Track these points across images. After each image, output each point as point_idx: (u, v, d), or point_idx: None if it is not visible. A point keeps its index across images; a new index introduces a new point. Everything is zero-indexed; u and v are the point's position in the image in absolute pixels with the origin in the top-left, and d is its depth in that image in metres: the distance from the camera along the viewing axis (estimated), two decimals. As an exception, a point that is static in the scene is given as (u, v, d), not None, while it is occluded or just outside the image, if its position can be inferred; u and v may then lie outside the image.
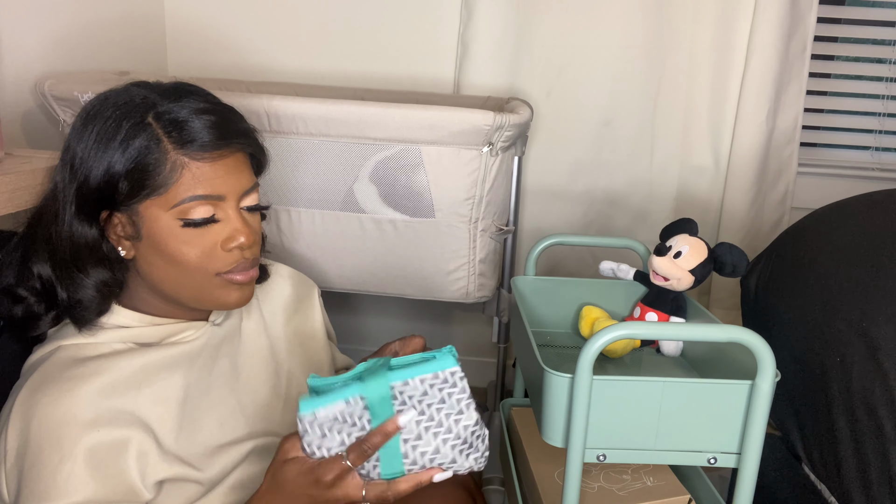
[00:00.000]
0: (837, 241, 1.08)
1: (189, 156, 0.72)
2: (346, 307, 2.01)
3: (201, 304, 0.78)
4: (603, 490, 0.97)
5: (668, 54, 1.65)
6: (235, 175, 0.75)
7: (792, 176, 1.73)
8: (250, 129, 0.80)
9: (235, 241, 0.75)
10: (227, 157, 0.75)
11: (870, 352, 0.90)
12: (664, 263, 1.08)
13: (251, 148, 0.79)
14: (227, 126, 0.75)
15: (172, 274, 0.75)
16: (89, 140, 0.73)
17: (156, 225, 0.73)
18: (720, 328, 0.83)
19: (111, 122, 0.72)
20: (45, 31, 1.33)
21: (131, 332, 0.78)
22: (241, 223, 0.76)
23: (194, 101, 0.75)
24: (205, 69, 1.79)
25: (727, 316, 1.74)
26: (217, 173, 0.73)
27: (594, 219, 1.79)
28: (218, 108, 0.77)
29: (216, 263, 0.75)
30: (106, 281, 0.76)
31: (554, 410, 0.84)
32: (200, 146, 0.72)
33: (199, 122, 0.73)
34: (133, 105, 0.73)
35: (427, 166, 1.22)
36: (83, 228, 0.74)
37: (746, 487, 0.85)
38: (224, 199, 0.75)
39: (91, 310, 0.76)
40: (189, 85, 0.79)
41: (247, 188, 0.77)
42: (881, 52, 1.75)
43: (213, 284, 0.76)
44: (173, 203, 0.72)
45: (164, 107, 0.73)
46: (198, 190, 0.72)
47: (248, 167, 0.78)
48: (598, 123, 1.71)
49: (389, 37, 1.74)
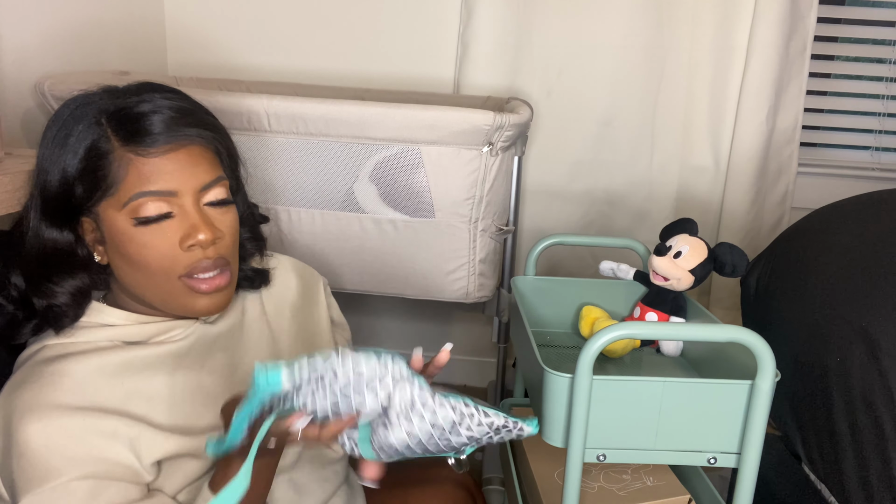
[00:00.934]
0: (837, 241, 1.08)
1: (135, 152, 0.70)
2: (346, 307, 2.00)
3: (171, 309, 0.76)
4: (603, 490, 0.97)
5: (668, 54, 1.65)
6: (190, 169, 0.72)
7: (792, 176, 1.73)
8: (211, 123, 0.78)
9: (192, 239, 0.72)
10: (177, 150, 0.72)
11: (870, 352, 0.90)
12: (664, 263, 1.08)
13: (209, 142, 0.76)
14: (178, 120, 0.73)
15: (139, 278, 0.74)
16: (48, 145, 0.73)
17: (113, 227, 0.72)
18: (720, 328, 0.83)
19: (66, 125, 0.72)
20: (45, 31, 1.33)
21: (118, 330, 0.77)
22: (198, 219, 0.72)
23: (151, 97, 0.73)
24: (205, 69, 1.79)
25: (727, 316, 1.74)
26: (166, 168, 0.71)
27: (594, 219, 1.79)
28: (175, 103, 0.74)
29: (176, 264, 0.73)
30: (78, 286, 0.75)
31: (554, 410, 0.84)
32: (147, 141, 0.70)
33: (149, 118, 0.71)
34: (88, 108, 0.73)
35: (427, 166, 1.22)
36: (52, 234, 0.73)
37: (746, 487, 0.85)
38: (177, 195, 0.72)
39: (67, 316, 0.75)
40: (153, 84, 0.77)
41: (205, 182, 0.74)
42: (881, 52, 1.75)
43: (177, 290, 0.74)
44: (124, 202, 0.71)
45: (117, 106, 0.72)
46: (146, 186, 0.70)
47: (207, 161, 0.75)
48: (598, 123, 1.71)
49: (389, 37, 1.74)
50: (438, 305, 1.92)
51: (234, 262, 0.79)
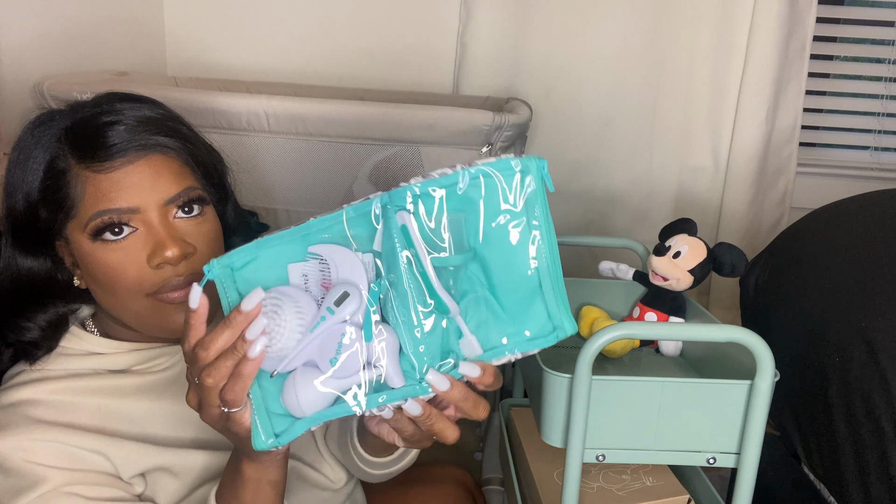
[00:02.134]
0: (837, 241, 1.08)
1: (91, 168, 0.66)
2: (346, 307, 2.00)
3: (149, 330, 0.73)
4: (602, 490, 0.97)
5: (668, 55, 1.65)
6: (150, 182, 0.67)
7: (791, 176, 1.73)
8: (177, 129, 0.72)
9: (159, 257, 0.67)
10: (135, 162, 0.67)
11: (870, 352, 0.90)
12: (663, 263, 1.08)
13: (174, 151, 0.70)
14: (136, 129, 0.68)
15: (110, 300, 0.70)
16: (11, 169, 0.70)
17: (80, 249, 0.68)
18: (719, 328, 0.83)
19: (26, 147, 0.69)
20: (45, 31, 1.33)
21: (100, 359, 0.74)
22: (164, 235, 0.67)
23: (108, 109, 0.69)
24: (205, 69, 1.79)
25: (726, 316, 1.74)
26: (124, 183, 0.66)
27: (593, 219, 1.79)
28: (139, 112, 0.70)
29: (145, 283, 0.68)
30: (51, 320, 0.72)
31: (553, 410, 0.84)
32: (102, 155, 0.66)
33: (105, 131, 0.67)
34: (47, 127, 0.69)
35: (426, 166, 1.22)
36: (27, 262, 0.70)
37: (746, 487, 0.85)
38: (139, 211, 0.67)
39: (41, 348, 0.72)
40: (115, 94, 0.73)
41: (170, 195, 0.69)
42: (880, 52, 1.75)
43: (148, 309, 0.69)
44: (84, 222, 0.67)
45: (75, 120, 0.69)
46: (103, 204, 0.66)
47: (173, 171, 0.69)
48: (597, 123, 1.71)
49: (389, 37, 1.74)
50: (438, 305, 1.92)
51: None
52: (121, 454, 0.70)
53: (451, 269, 0.54)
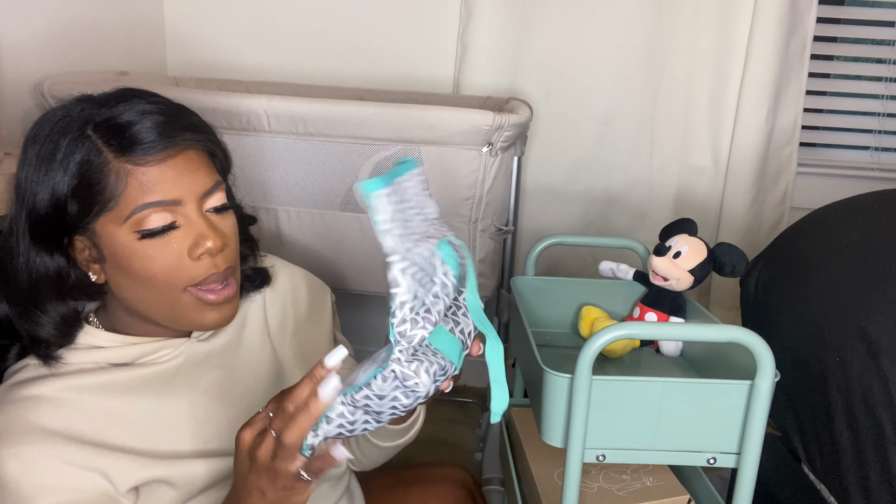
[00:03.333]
0: (837, 241, 1.08)
1: (132, 162, 0.67)
2: (347, 307, 2.00)
3: (178, 324, 0.74)
4: (602, 490, 0.97)
5: (668, 54, 1.65)
6: (190, 175, 0.69)
7: (791, 176, 1.73)
8: (201, 124, 0.74)
9: (202, 247, 0.69)
10: (175, 157, 0.68)
11: (869, 352, 0.90)
12: (663, 263, 1.08)
13: (204, 144, 0.72)
14: (171, 124, 0.69)
15: (142, 294, 0.70)
16: (30, 164, 0.69)
17: (114, 242, 0.68)
18: (719, 328, 0.83)
19: (49, 141, 0.68)
20: (45, 31, 1.33)
21: (104, 353, 0.74)
22: (205, 227, 0.69)
23: (135, 103, 0.70)
24: (205, 69, 1.79)
25: (727, 316, 1.74)
26: (167, 176, 0.67)
27: (594, 219, 1.79)
28: (162, 107, 0.71)
29: (184, 275, 0.69)
30: (66, 315, 0.72)
31: (553, 411, 0.84)
32: (143, 149, 0.67)
33: (139, 125, 0.67)
34: (70, 120, 0.69)
35: (426, 166, 1.22)
36: (42, 259, 0.70)
37: (746, 487, 0.85)
38: (181, 203, 0.69)
39: (53, 345, 0.72)
40: (132, 89, 0.73)
41: (206, 188, 0.71)
42: (880, 53, 1.75)
43: (184, 304, 0.71)
44: (125, 215, 0.67)
45: (102, 115, 0.68)
46: (148, 197, 0.67)
47: (205, 165, 0.72)
48: (597, 123, 1.71)
49: (389, 37, 1.74)
50: (438, 305, 1.92)
51: (238, 269, 0.77)
52: (118, 467, 0.70)
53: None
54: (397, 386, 0.56)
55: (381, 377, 0.55)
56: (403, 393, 0.56)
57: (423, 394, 0.57)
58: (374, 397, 0.56)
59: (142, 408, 0.73)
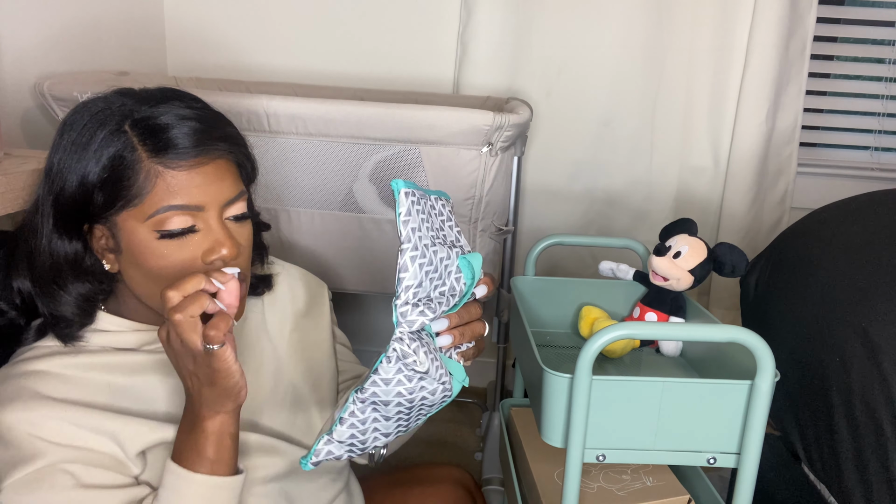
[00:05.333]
0: (837, 241, 1.08)
1: (164, 164, 0.68)
2: (347, 307, 2.01)
3: None
4: (602, 490, 0.97)
5: (668, 54, 1.66)
6: (217, 184, 0.71)
7: (791, 176, 1.73)
8: (236, 135, 0.76)
9: (216, 254, 0.71)
10: (205, 164, 0.70)
11: (869, 352, 0.90)
12: (664, 263, 1.08)
13: (234, 155, 0.74)
14: (207, 133, 0.71)
15: (153, 289, 0.72)
16: (65, 150, 0.70)
17: (133, 237, 0.70)
18: (720, 328, 0.83)
19: (86, 130, 0.70)
20: (45, 31, 1.33)
21: (111, 336, 0.76)
22: (223, 234, 0.71)
23: (176, 106, 0.71)
24: (205, 69, 1.79)
25: (727, 316, 1.74)
26: (194, 182, 0.69)
27: (594, 219, 1.79)
28: (201, 113, 0.73)
29: None
30: (86, 295, 0.74)
31: (553, 410, 0.84)
32: (176, 154, 0.68)
33: (177, 129, 0.69)
34: (110, 112, 0.70)
35: (426, 166, 1.22)
36: (62, 242, 0.72)
37: (746, 487, 0.85)
38: (203, 210, 0.70)
39: (74, 325, 0.74)
40: (174, 90, 0.75)
41: (230, 197, 0.73)
42: (880, 52, 1.75)
43: None
44: (148, 214, 0.69)
45: (141, 113, 0.70)
46: (173, 200, 0.68)
47: (232, 175, 0.74)
48: (597, 123, 1.71)
49: (389, 37, 1.74)
50: (438, 305, 1.92)
51: (248, 275, 0.78)
52: (128, 430, 0.71)
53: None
54: (400, 369, 0.59)
55: (385, 359, 0.59)
56: (406, 377, 0.59)
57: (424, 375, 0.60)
58: (381, 382, 0.59)
59: (147, 384, 0.75)
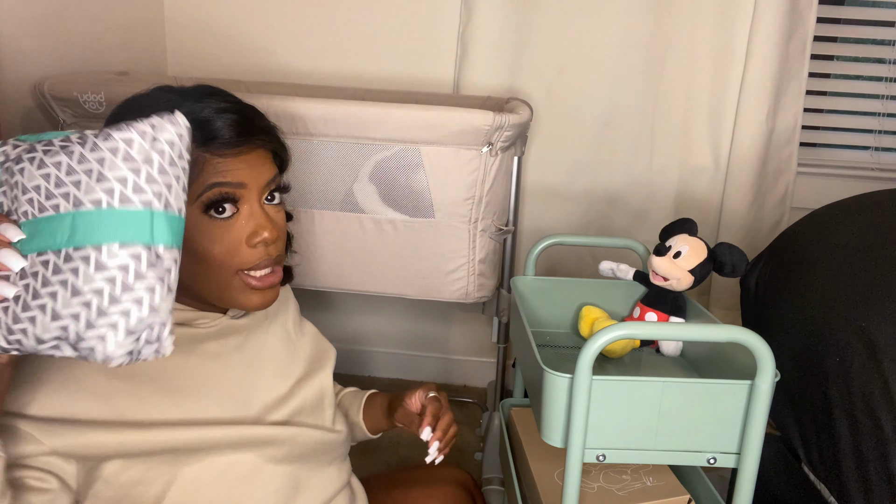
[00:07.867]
0: (837, 241, 1.08)
1: (210, 152, 0.74)
2: (347, 307, 2.01)
3: (224, 303, 0.80)
4: (603, 490, 0.97)
5: (668, 54, 1.65)
6: (257, 168, 0.77)
7: (791, 176, 1.73)
8: (270, 126, 0.82)
9: (259, 237, 0.76)
10: (247, 153, 0.76)
11: (869, 352, 0.91)
12: (664, 263, 1.08)
13: (272, 144, 0.81)
14: (247, 124, 0.77)
15: (198, 271, 0.76)
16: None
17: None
18: (720, 328, 0.83)
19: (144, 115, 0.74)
20: (45, 31, 1.33)
21: None
22: (264, 218, 0.77)
23: (215, 101, 0.77)
24: (204, 69, 1.79)
25: (727, 316, 1.74)
26: (238, 166, 0.75)
27: (594, 219, 1.79)
28: (238, 107, 0.79)
29: (239, 260, 0.76)
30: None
31: (553, 410, 0.84)
32: (222, 143, 0.74)
33: (220, 121, 0.75)
34: (156, 108, 0.73)
35: (427, 166, 1.22)
36: None
37: (746, 487, 0.85)
38: (246, 187, 0.76)
39: None
40: (210, 87, 0.81)
41: (268, 180, 0.79)
42: (880, 53, 1.75)
43: (233, 286, 0.77)
44: (197, 194, 0.74)
45: (186, 107, 0.74)
46: (219, 178, 0.74)
47: (269, 162, 0.80)
48: (597, 123, 1.71)
49: (389, 37, 1.74)
50: (438, 305, 1.92)
51: (284, 259, 0.83)
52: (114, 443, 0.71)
53: None
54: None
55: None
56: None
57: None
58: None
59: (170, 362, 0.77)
